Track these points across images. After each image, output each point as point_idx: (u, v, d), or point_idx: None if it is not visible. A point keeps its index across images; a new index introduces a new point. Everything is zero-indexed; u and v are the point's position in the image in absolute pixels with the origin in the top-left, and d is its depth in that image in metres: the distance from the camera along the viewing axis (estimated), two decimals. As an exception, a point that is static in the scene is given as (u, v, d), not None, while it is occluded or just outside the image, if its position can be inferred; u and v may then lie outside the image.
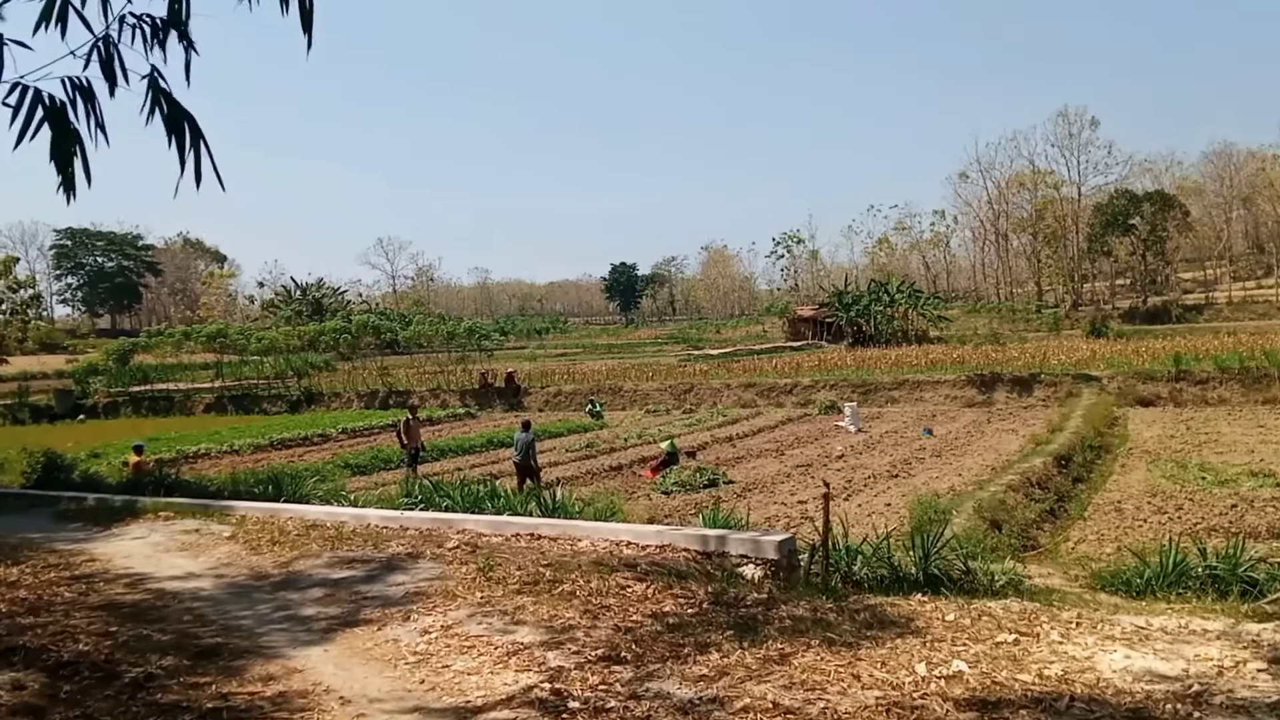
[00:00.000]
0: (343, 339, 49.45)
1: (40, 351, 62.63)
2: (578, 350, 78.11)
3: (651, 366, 43.83)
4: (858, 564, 8.01)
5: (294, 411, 40.33)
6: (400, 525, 9.66)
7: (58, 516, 10.90)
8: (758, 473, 18.61)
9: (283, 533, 8.94)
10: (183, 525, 9.75)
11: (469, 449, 23.98)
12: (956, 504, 13.42)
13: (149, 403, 43.75)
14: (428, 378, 45.58)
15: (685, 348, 72.36)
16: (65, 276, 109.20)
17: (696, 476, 16.94)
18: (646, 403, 34.85)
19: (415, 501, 10.91)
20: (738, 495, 16.27)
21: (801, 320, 76.74)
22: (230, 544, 8.59)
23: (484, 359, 48.19)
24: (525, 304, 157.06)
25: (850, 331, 67.07)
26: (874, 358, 41.66)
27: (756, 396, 33.93)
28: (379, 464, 21.27)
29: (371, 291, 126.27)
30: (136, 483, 13.41)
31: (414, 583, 6.70)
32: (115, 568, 7.84)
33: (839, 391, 32.97)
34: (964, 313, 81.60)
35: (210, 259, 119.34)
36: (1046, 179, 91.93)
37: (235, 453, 25.61)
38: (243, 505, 11.06)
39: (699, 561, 7.78)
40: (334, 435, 29.22)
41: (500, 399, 38.57)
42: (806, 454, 21.30)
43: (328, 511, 10.44)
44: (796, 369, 37.98)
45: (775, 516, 14.18)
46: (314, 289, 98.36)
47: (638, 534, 8.39)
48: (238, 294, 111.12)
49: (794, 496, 15.96)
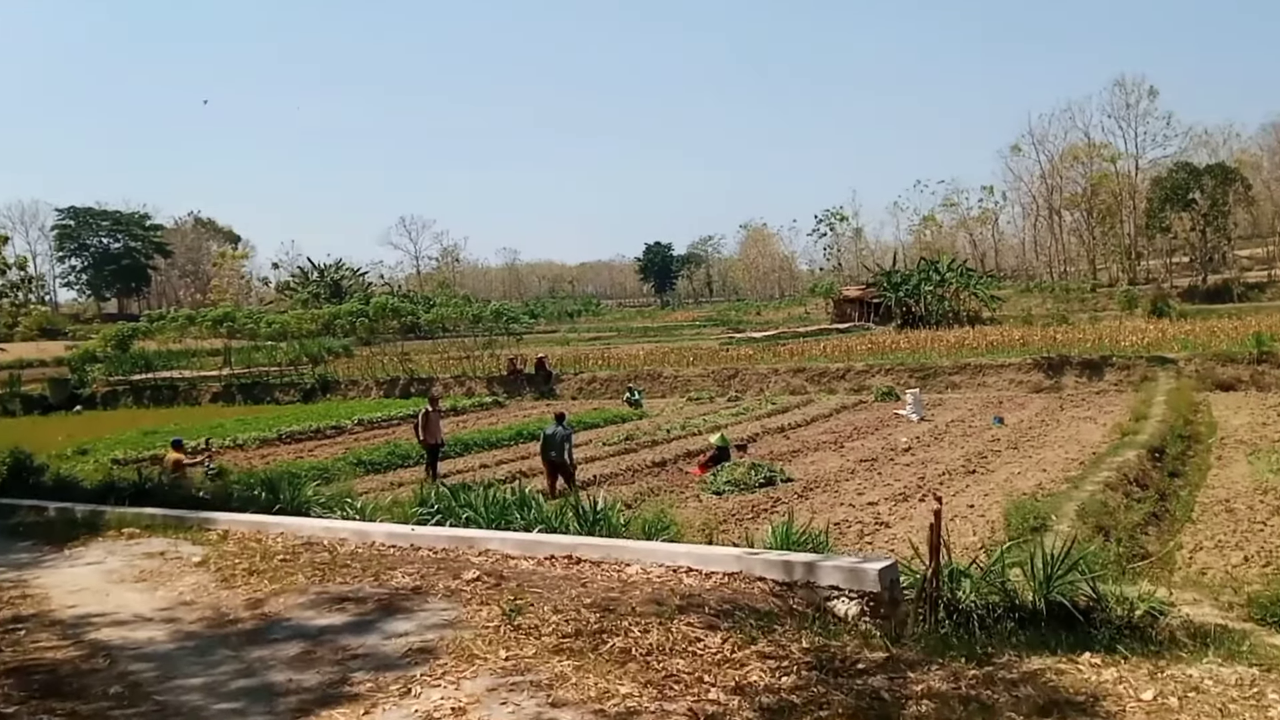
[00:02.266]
0: (359, 322, 48.43)
1: (40, 337, 62.44)
2: (611, 334, 76.82)
3: (691, 350, 42.34)
4: (963, 588, 6.58)
5: (307, 401, 39.40)
6: (410, 545, 8.34)
7: (8, 532, 9.74)
8: (817, 468, 17.14)
9: (266, 556, 7.64)
10: (148, 546, 8.49)
11: (496, 442, 22.72)
12: (1053, 506, 11.92)
13: (151, 392, 43.06)
14: (452, 364, 44.48)
15: (725, 330, 70.81)
16: (69, 258, 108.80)
17: (751, 474, 15.50)
18: (688, 389, 33.42)
19: (431, 512, 9.56)
20: (798, 495, 14.83)
21: (847, 301, 74.80)
22: (199, 572, 7.30)
23: (512, 343, 47.01)
24: (556, 286, 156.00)
25: (899, 313, 65.12)
26: (928, 340, 39.91)
27: (806, 382, 32.37)
28: (395, 460, 20.07)
29: (394, 273, 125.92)
30: (108, 488, 12.20)
31: (419, 634, 5.34)
32: (53, 606, 6.58)
33: (895, 377, 31.33)
34: (1016, 292, 79.29)
35: (223, 239, 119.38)
36: (1102, 152, 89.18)
37: (239, 447, 24.57)
38: (226, 518, 9.82)
39: (780, 595, 6.36)
40: (349, 427, 28.11)
41: (530, 386, 37.34)
42: (869, 446, 19.78)
43: (325, 526, 9.15)
44: (848, 353, 36.35)
45: (846, 522, 12.72)
46: (332, 270, 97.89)
47: (701, 558, 6.97)
48: (251, 276, 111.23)
49: (862, 497, 14.48)
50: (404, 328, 55.16)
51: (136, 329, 51.55)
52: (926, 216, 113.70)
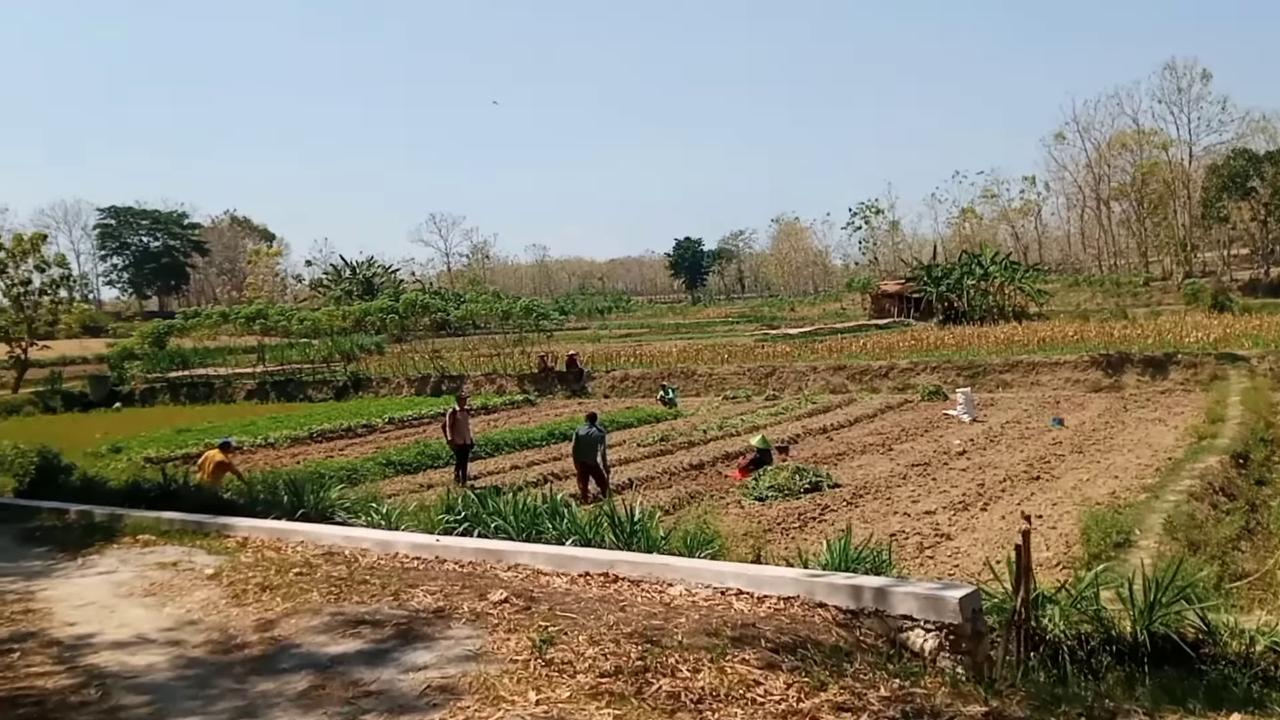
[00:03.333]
0: (390, 319, 48.28)
1: (83, 335, 63.19)
2: (643, 330, 76.21)
3: (725, 347, 41.61)
4: (1051, 616, 5.91)
5: (340, 398, 39.25)
6: (435, 557, 7.83)
7: (25, 537, 9.38)
8: (866, 473, 16.40)
9: (281, 569, 7.15)
10: (161, 555, 8.05)
11: (527, 442, 22.22)
12: (1135, 519, 11.08)
13: (187, 389, 43.20)
14: (482, 361, 44.15)
15: (759, 327, 69.86)
16: (110, 257, 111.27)
17: (796, 479, 14.82)
18: (723, 388, 32.71)
19: (458, 520, 9.04)
20: (847, 503, 14.12)
21: (886, 296, 73.48)
22: (210, 587, 6.83)
23: (543, 340, 46.58)
24: (585, 282, 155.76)
25: (940, 308, 63.81)
26: (973, 336, 38.87)
27: (847, 381, 31.52)
28: (425, 461, 19.63)
29: (425, 271, 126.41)
30: (133, 489, 11.85)
31: (440, 668, 4.79)
32: (54, 624, 6.13)
33: (941, 375, 30.39)
34: (1063, 287, 77.36)
35: (258, 237, 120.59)
36: (1152, 139, 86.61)
37: (271, 446, 24.33)
38: (246, 524, 9.39)
39: (846, 626, 5.74)
40: (379, 426, 27.81)
41: (561, 384, 36.86)
42: (919, 449, 18.98)
43: (346, 535, 8.68)
44: (890, 350, 35.39)
45: (902, 533, 12.02)
46: (364, 267, 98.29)
47: (754, 579, 6.36)
48: (285, 274, 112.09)
49: (917, 505, 13.73)
50: (435, 324, 54.98)
51: (172, 326, 51.93)
52: (965, 209, 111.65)
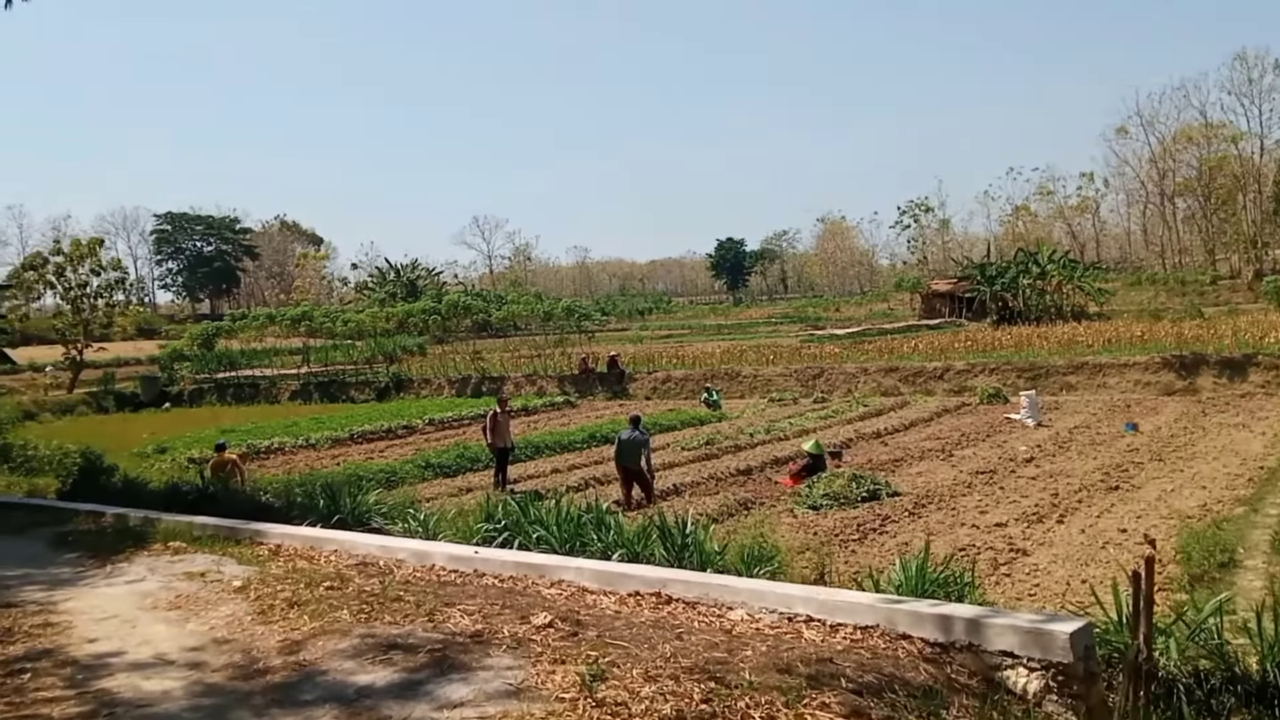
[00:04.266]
0: (432, 320, 48.27)
1: (138, 337, 64.57)
2: (684, 331, 75.59)
3: (770, 348, 40.83)
4: (1166, 650, 5.24)
5: (381, 399, 39.26)
6: (474, 570, 7.36)
7: (57, 541, 9.11)
8: (926, 480, 15.65)
9: (312, 583, 6.73)
10: (190, 564, 7.70)
11: (568, 445, 21.78)
12: (1238, 535, 10.24)
13: (234, 390, 43.59)
14: (523, 362, 43.93)
15: (804, 327, 68.87)
16: (166, 261, 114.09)
17: (852, 486, 14.14)
18: (769, 389, 31.99)
19: (498, 529, 8.58)
20: (909, 513, 13.41)
21: (936, 296, 71.97)
22: (237, 601, 6.42)
23: (584, 341, 46.21)
24: (626, 283, 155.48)
25: (994, 308, 62.27)
26: (1032, 336, 37.62)
27: (899, 383, 30.62)
28: (464, 464, 19.29)
29: (468, 273, 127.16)
30: (172, 492, 11.60)
31: (477, 706, 4.28)
32: (72, 640, 5.77)
33: (1000, 376, 29.35)
34: (1125, 285, 75.06)
35: (306, 241, 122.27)
36: (1220, 132, 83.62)
37: (312, 447, 24.23)
38: (279, 530, 9.03)
39: (935, 661, 5.12)
40: (420, 427, 27.62)
41: (602, 385, 36.43)
42: (982, 455, 18.16)
43: (382, 544, 8.26)
44: (944, 350, 34.36)
45: (972, 547, 11.31)
46: (408, 270, 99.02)
47: (825, 604, 5.77)
48: (332, 276, 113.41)
49: (985, 516, 12.98)
50: (476, 325, 54.94)
51: (220, 328, 52.54)
52: (1019, 206, 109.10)
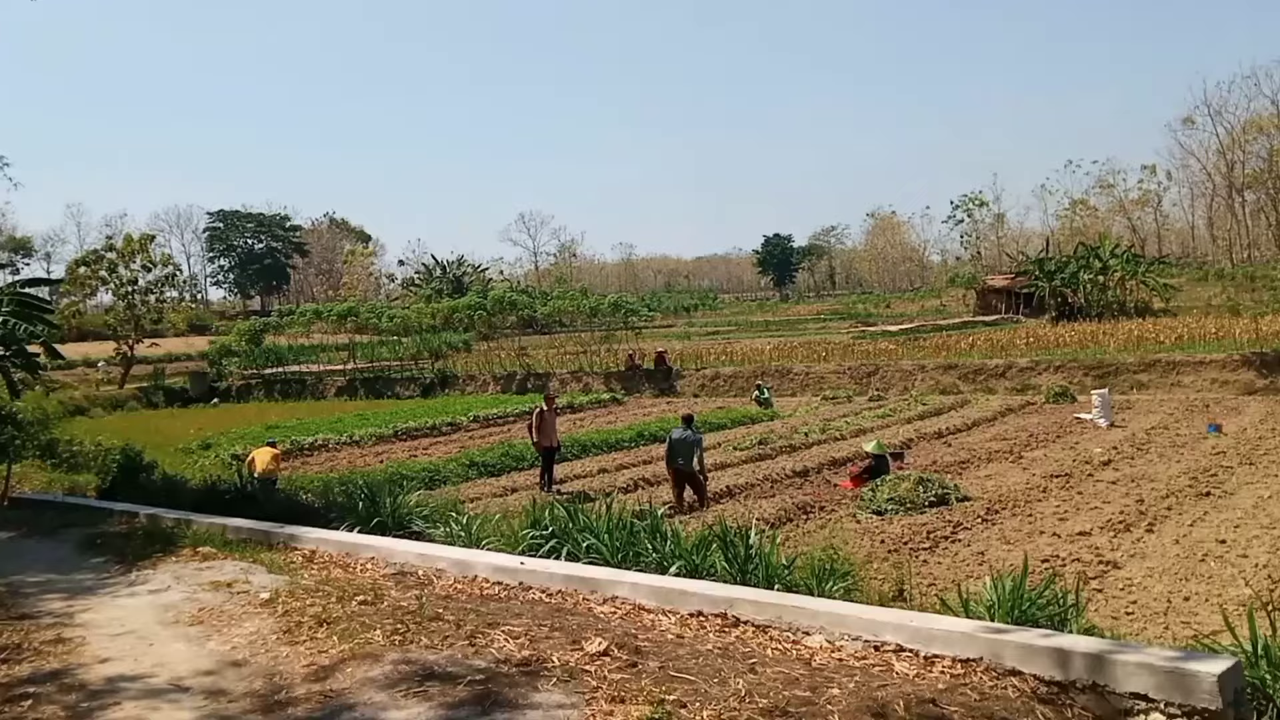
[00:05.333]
0: (478, 315, 48.07)
1: (190, 333, 65.54)
2: (730, 328, 74.69)
3: (821, 345, 39.86)
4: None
5: (426, 396, 39.12)
6: (519, 583, 6.78)
7: (86, 544, 8.74)
8: (997, 484, 14.75)
9: (344, 596, 6.18)
10: (218, 572, 7.22)
11: (615, 444, 21.19)
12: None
13: (280, 385, 43.81)
14: (569, 359, 43.52)
15: (853, 324, 67.55)
16: (217, 258, 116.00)
17: (919, 490, 13.32)
18: (821, 387, 31.09)
19: (544, 536, 7.99)
20: (981, 519, 12.56)
21: (992, 291, 70.08)
22: (263, 616, 5.90)
23: (631, 338, 45.64)
24: (671, 280, 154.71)
25: (1053, 303, 60.37)
26: (1096, 333, 36.16)
27: (958, 380, 29.52)
28: (509, 463, 18.79)
29: (514, 269, 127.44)
30: (209, 491, 11.22)
31: (525, 754, 3.67)
32: (83, 659, 5.30)
33: (1066, 374, 28.13)
34: (1190, 280, 72.36)
35: (355, 238, 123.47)
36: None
37: (356, 444, 23.98)
38: (315, 535, 8.56)
39: (1052, 703, 4.39)
40: (464, 424, 27.28)
41: (649, 382, 35.84)
42: (1054, 457, 17.17)
43: (421, 552, 7.72)
44: (1004, 347, 33.14)
45: (1056, 558, 10.46)
46: (454, 266, 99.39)
47: (917, 632, 5.06)
48: (380, 273, 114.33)
49: (1066, 524, 12.08)
50: (521, 322, 54.66)
51: (267, 324, 52.93)
52: (1077, 200, 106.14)
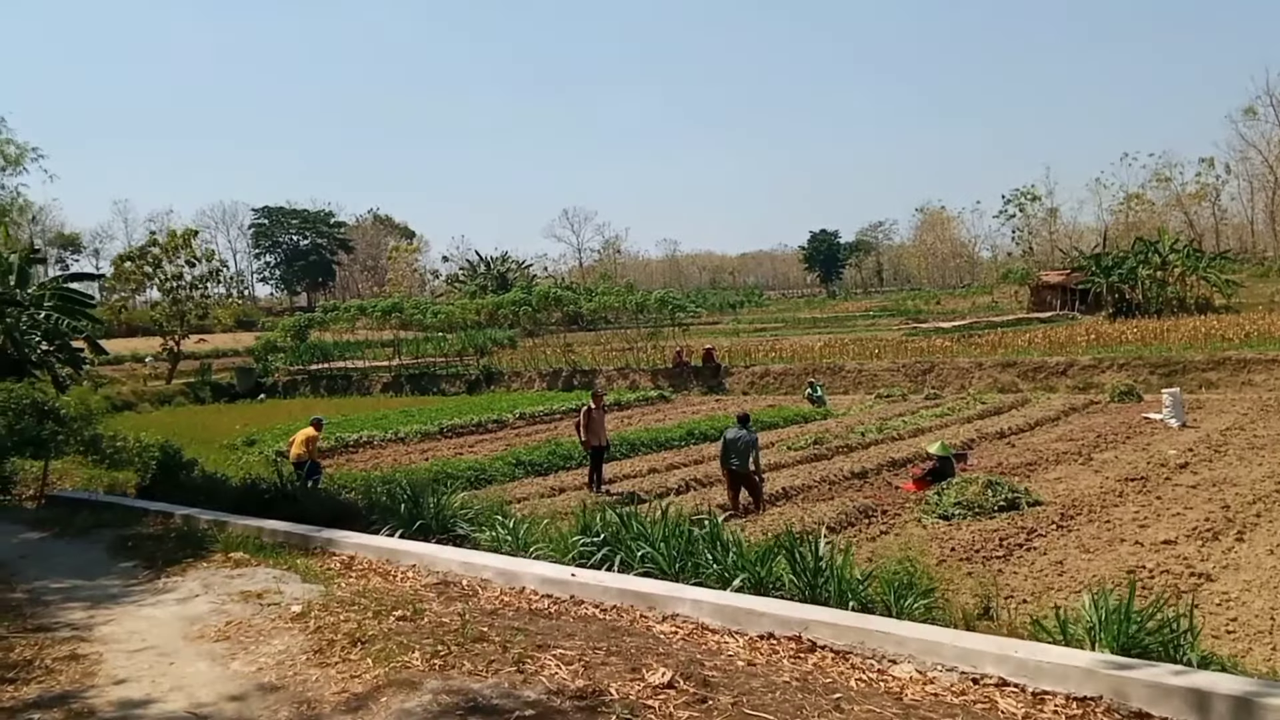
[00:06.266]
0: (523, 311, 47.79)
1: (237, 329, 66.26)
2: (777, 324, 73.69)
3: (873, 342, 38.91)
4: None
5: (471, 392, 38.92)
6: (570, 597, 6.26)
7: (117, 546, 8.39)
8: (1068, 488, 13.93)
9: (380, 611, 5.70)
10: (249, 580, 6.80)
11: (665, 443, 20.63)
12: None
13: (326, 381, 43.95)
14: (615, 355, 43.07)
15: (903, 321, 66.17)
16: (263, 255, 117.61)
17: (988, 494, 12.57)
18: (875, 385, 30.24)
19: (595, 544, 7.47)
20: (1055, 525, 11.79)
21: (1047, 288, 68.17)
22: (293, 632, 5.44)
23: (678, 334, 45.03)
24: (716, 277, 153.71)
25: (1110, 300, 58.54)
26: (1160, 330, 34.75)
27: (1017, 378, 28.48)
28: (556, 461, 18.32)
29: (557, 266, 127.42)
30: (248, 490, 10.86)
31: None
32: (97, 680, 4.87)
33: (1131, 372, 26.97)
34: (1250, 276, 69.78)
35: (399, 234, 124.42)
36: (1359, 110, 77.14)
37: (401, 441, 23.73)
38: (354, 540, 8.13)
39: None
40: (510, 421, 26.92)
41: (697, 380, 35.22)
42: (1125, 459, 16.26)
43: (465, 560, 7.24)
44: (1064, 344, 31.98)
45: (1141, 569, 9.70)
46: (499, 263, 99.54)
47: (1023, 664, 4.45)
48: (424, 269, 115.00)
49: (1147, 531, 11.28)
50: (566, 318, 54.31)
51: (312, 320, 53.19)
52: (1131, 194, 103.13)
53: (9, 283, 26.08)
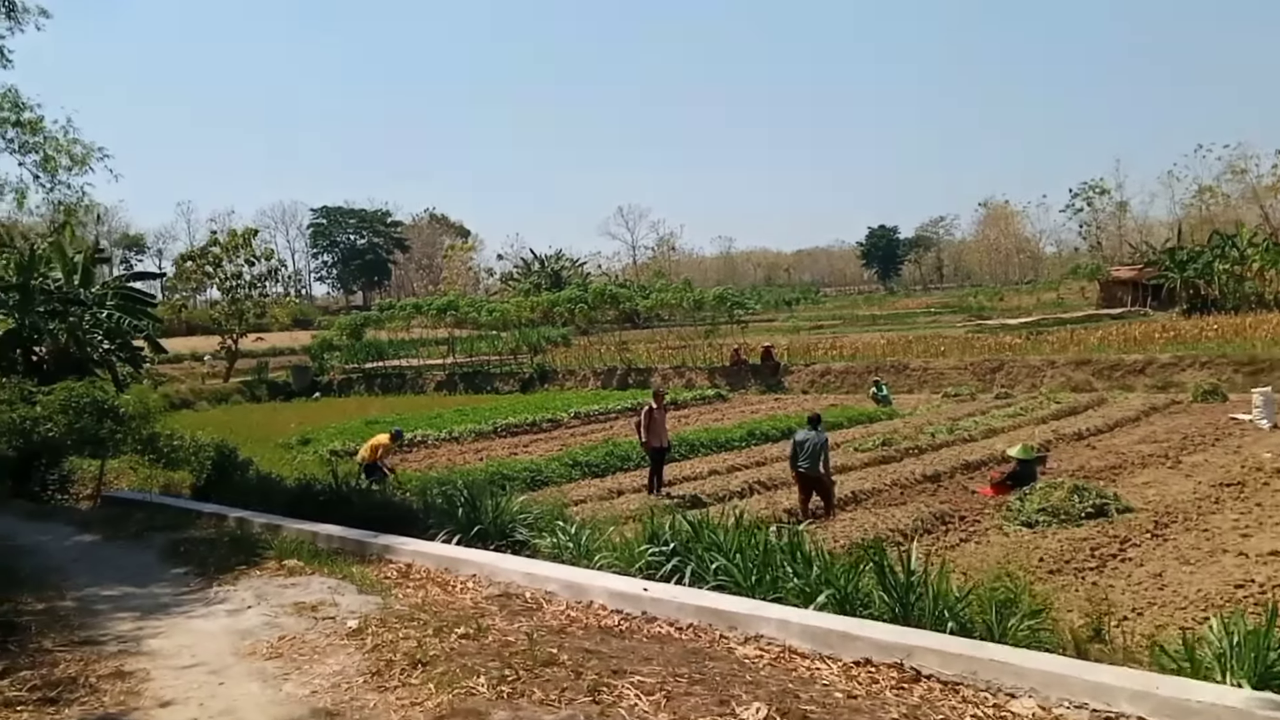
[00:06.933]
0: (579, 309, 47.53)
1: (294, 328, 67.32)
2: (835, 322, 72.57)
3: (937, 339, 37.86)
4: None
5: (525, 391, 38.79)
6: (642, 613, 5.84)
7: (170, 551, 8.19)
8: (1158, 493, 13.13)
9: (441, 627, 5.34)
10: (304, 590, 6.50)
11: (725, 443, 20.13)
12: None
13: (381, 380, 44.21)
14: (670, 354, 42.61)
15: (966, 318, 64.62)
16: (321, 254, 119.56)
17: (1074, 500, 11.86)
18: (941, 384, 29.34)
19: (665, 554, 7.05)
20: (1150, 533, 11.06)
21: (1118, 283, 66.03)
22: (349, 650, 5.11)
23: (737, 332, 44.38)
24: (771, 274, 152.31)
25: (1185, 295, 56.47)
26: (1240, 327, 33.14)
27: (1092, 377, 27.37)
28: (614, 463, 17.94)
29: (611, 264, 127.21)
30: (303, 491, 10.65)
31: None
32: (142, 702, 4.58)
33: (1214, 371, 25.72)
34: (1336, 272, 66.66)
35: (454, 233, 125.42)
36: None
37: (455, 440, 23.59)
38: (411, 546, 7.83)
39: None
40: (565, 420, 26.65)
41: (755, 378, 34.60)
42: (1217, 462, 15.33)
43: (528, 571, 6.86)
44: (1140, 342, 30.70)
45: (1251, 583, 8.98)
46: (553, 260, 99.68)
47: (1166, 702, 3.93)
48: (478, 268, 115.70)
49: (1250, 540, 10.49)
50: (621, 316, 53.96)
51: (368, 318, 53.61)
52: (1205, 186, 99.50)
53: (73, 282, 26.55)
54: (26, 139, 16.99)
